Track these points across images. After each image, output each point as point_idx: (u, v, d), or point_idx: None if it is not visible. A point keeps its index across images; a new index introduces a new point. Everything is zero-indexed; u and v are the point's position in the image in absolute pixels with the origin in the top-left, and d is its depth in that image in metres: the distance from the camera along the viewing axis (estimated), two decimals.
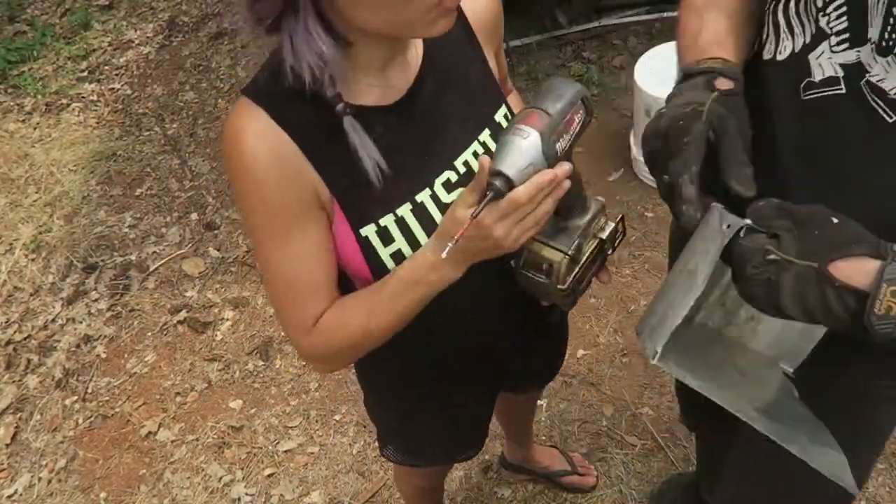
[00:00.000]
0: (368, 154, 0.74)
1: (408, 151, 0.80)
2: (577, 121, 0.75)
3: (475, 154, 0.84)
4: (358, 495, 1.91)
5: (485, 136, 0.85)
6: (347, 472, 1.96)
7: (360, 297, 0.83)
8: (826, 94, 0.70)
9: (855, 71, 0.67)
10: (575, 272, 0.80)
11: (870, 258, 0.55)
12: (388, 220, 0.79)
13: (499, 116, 0.88)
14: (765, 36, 0.78)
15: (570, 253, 0.78)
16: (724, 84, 0.72)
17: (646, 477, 1.82)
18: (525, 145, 0.69)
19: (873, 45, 0.65)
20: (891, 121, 0.65)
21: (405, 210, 0.80)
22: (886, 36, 0.63)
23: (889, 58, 0.64)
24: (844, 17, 0.68)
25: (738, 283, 0.63)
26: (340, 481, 1.95)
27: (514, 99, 1.04)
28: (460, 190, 0.80)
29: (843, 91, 0.68)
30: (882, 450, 1.01)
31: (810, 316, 0.57)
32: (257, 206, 0.77)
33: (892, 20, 0.63)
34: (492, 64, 0.89)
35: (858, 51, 0.67)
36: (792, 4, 0.74)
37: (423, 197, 0.81)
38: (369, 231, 0.79)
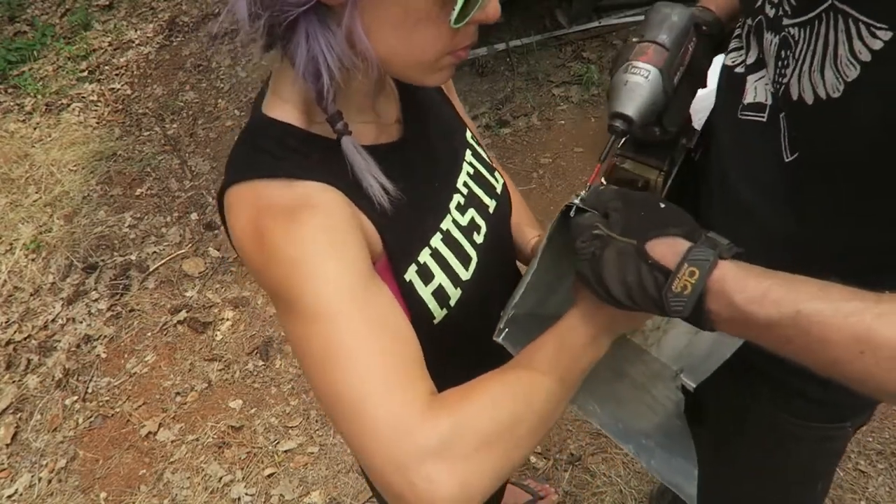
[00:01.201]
0: (374, 175, 0.66)
1: (422, 181, 0.78)
2: (690, 49, 0.71)
3: (468, 174, 0.84)
4: (358, 495, 1.91)
5: (469, 157, 0.86)
6: (347, 472, 1.96)
7: (487, 377, 0.64)
8: (749, 118, 0.71)
9: (779, 102, 0.68)
10: (668, 185, 0.78)
11: (684, 240, 0.57)
12: (425, 256, 0.75)
13: (468, 137, 0.89)
14: (735, 48, 0.79)
15: (664, 169, 0.76)
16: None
17: (646, 477, 1.82)
18: (646, 84, 0.65)
19: (771, 84, 0.66)
20: (787, 160, 0.66)
21: (437, 241, 0.77)
22: (776, 79, 0.65)
23: (779, 100, 0.65)
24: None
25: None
26: (340, 481, 1.95)
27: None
28: (470, 209, 0.81)
29: (764, 120, 0.69)
30: (828, 487, 1.00)
31: (630, 294, 0.58)
32: (329, 260, 0.61)
33: (780, 63, 0.64)
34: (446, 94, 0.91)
35: None
36: (749, 23, 0.74)
37: (448, 224, 0.79)
38: (411, 273, 0.73)
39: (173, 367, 2.32)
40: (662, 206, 0.61)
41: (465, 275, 0.78)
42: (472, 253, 0.79)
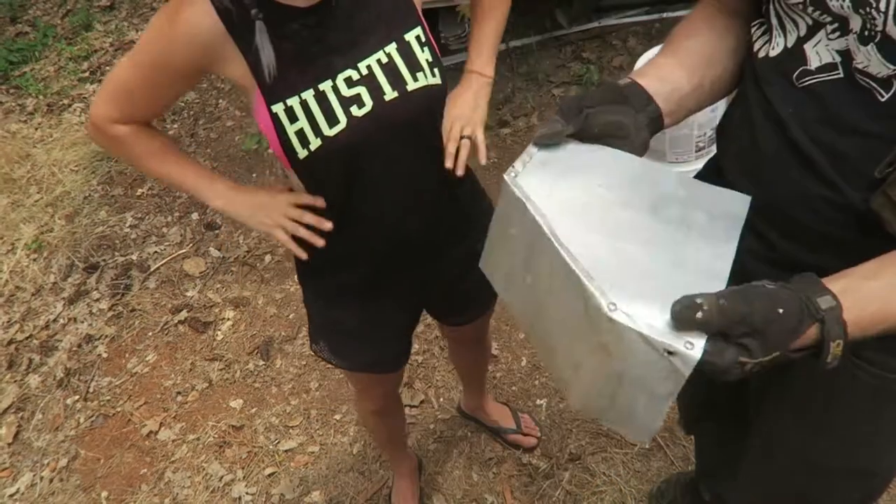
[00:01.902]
0: (266, 56, 0.92)
1: (319, 48, 0.96)
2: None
3: (378, 61, 1.00)
4: (358, 495, 1.92)
5: (391, 48, 1.01)
6: (348, 472, 1.97)
7: (166, 153, 1.11)
8: (823, 79, 0.74)
9: (847, 57, 0.71)
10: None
11: (812, 325, 0.67)
12: (293, 101, 0.96)
13: (409, 36, 1.02)
14: (762, 37, 0.81)
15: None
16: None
17: (645, 476, 1.82)
18: None
19: (856, 35, 0.69)
20: (883, 99, 0.69)
21: (308, 95, 0.96)
22: (867, 27, 0.68)
23: (870, 46, 0.68)
24: (823, 13, 0.72)
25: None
26: (341, 481, 1.95)
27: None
28: (360, 87, 0.98)
29: (841, 75, 0.72)
30: None
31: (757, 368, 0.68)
32: (155, 44, 0.98)
33: (866, 15, 0.67)
34: None
35: (846, 39, 0.71)
36: (779, 4, 0.77)
37: (325, 87, 0.97)
38: (277, 108, 0.96)
39: (174, 366, 2.32)
40: (781, 311, 0.66)
41: (328, 131, 0.97)
42: (343, 119, 0.98)
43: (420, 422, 2.04)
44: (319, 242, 1.12)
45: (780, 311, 0.65)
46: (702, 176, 1.01)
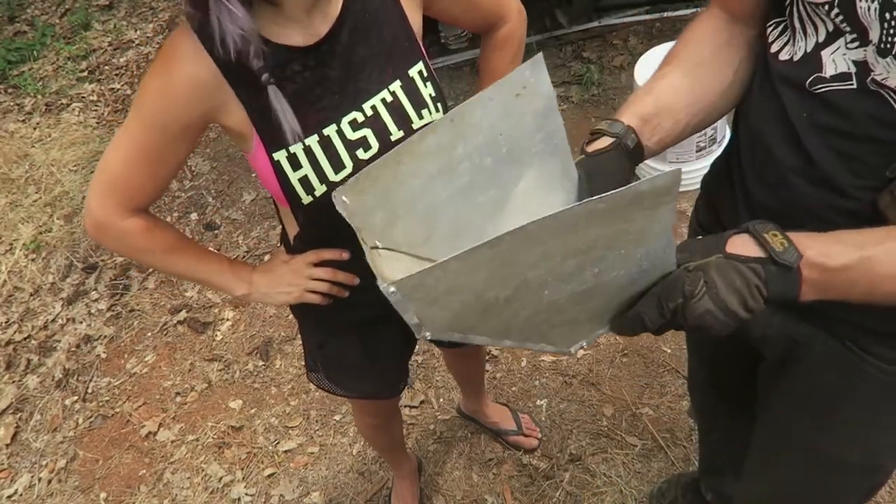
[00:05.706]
0: (287, 120, 0.88)
1: (321, 89, 0.92)
2: None
3: (383, 101, 0.95)
4: (358, 496, 1.91)
5: (395, 86, 0.96)
6: (347, 473, 1.96)
7: (182, 245, 1.04)
8: (836, 88, 0.74)
9: (864, 68, 0.71)
10: None
11: (736, 235, 0.70)
12: (297, 148, 0.91)
13: (413, 72, 0.97)
14: (781, 38, 0.82)
15: None
16: (595, 145, 0.87)
17: (646, 477, 1.82)
18: None
19: (874, 47, 0.69)
20: None
21: (312, 141, 0.92)
22: (885, 38, 0.68)
23: (889, 58, 0.68)
24: (845, 21, 0.71)
25: (680, 313, 0.70)
26: (340, 481, 1.95)
27: None
28: (366, 129, 0.94)
29: (854, 86, 0.72)
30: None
31: (745, 303, 0.68)
32: (153, 104, 0.90)
33: (888, 24, 0.67)
34: (413, 23, 0.99)
35: (865, 50, 0.71)
36: (803, 6, 0.77)
37: (330, 131, 0.93)
38: (280, 156, 0.91)
39: (173, 367, 2.32)
40: (700, 237, 0.70)
41: (333, 177, 0.93)
42: (349, 163, 0.94)
43: (420, 422, 2.03)
44: (345, 294, 1.11)
45: (700, 237, 0.72)
46: (711, 175, 1.01)
